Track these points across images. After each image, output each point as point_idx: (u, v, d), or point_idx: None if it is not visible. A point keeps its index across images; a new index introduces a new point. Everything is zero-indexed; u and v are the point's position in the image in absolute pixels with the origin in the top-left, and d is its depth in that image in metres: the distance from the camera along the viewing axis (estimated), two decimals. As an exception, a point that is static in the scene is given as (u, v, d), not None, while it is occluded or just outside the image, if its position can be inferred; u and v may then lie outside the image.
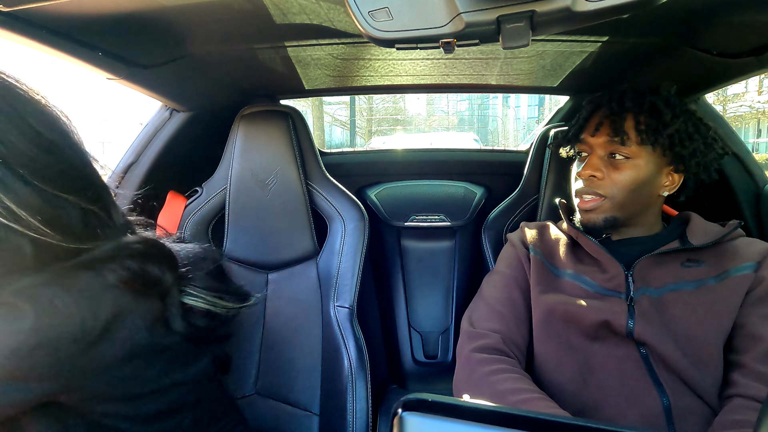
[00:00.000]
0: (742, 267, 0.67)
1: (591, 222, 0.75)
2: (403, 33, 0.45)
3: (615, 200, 0.72)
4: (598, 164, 0.73)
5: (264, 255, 1.06)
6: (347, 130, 14.69)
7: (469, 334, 0.76)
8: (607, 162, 0.73)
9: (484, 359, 0.70)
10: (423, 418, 0.29)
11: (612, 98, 0.74)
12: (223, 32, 0.78)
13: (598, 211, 0.74)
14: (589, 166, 0.73)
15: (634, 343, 0.67)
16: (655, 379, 0.64)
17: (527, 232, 0.84)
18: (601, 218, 0.74)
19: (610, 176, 0.72)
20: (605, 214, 0.73)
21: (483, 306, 0.79)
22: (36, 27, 0.59)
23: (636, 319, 0.66)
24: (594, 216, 0.74)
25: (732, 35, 0.73)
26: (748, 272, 0.67)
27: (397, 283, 1.37)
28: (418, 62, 1.02)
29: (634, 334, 0.66)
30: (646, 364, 0.65)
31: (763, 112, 12.68)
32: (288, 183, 1.04)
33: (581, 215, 0.77)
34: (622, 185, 0.72)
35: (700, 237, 0.72)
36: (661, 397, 0.63)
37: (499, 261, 0.86)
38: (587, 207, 0.74)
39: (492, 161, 1.47)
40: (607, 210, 0.73)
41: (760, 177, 0.98)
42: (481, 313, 0.79)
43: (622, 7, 0.42)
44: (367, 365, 0.85)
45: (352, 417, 0.80)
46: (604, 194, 0.72)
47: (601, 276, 0.72)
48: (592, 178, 0.73)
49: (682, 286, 0.68)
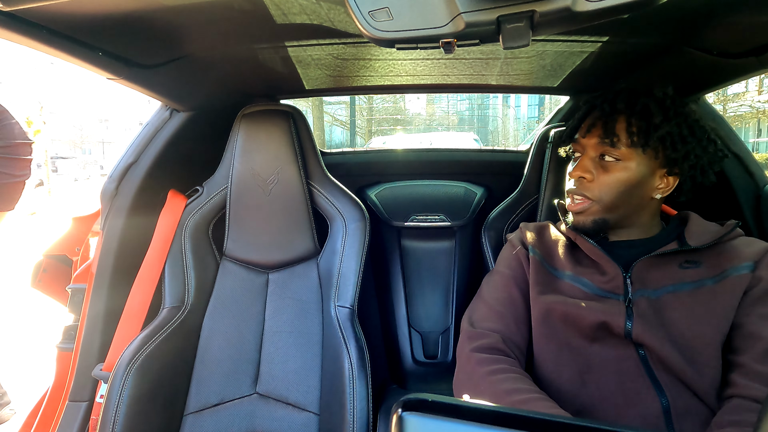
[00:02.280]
0: (740, 267, 0.67)
1: (580, 224, 0.75)
2: (403, 33, 0.45)
3: (603, 203, 0.72)
4: (588, 166, 0.73)
5: (265, 255, 1.06)
6: (347, 130, 14.68)
7: (469, 334, 0.76)
8: (598, 163, 0.73)
9: (484, 359, 0.70)
10: (423, 418, 0.29)
11: (606, 99, 0.74)
12: (223, 32, 0.78)
13: (586, 214, 0.74)
14: (579, 167, 0.74)
15: (633, 344, 0.67)
16: (653, 379, 0.64)
17: (527, 232, 0.84)
18: (590, 220, 0.74)
19: (599, 178, 0.72)
20: (593, 216, 0.74)
21: (483, 306, 0.80)
22: (36, 27, 0.59)
23: (634, 320, 0.66)
24: (582, 218, 0.75)
25: (732, 35, 0.73)
26: (745, 272, 0.66)
27: (397, 283, 1.37)
28: (418, 62, 1.02)
29: (633, 336, 0.66)
30: (644, 364, 0.65)
31: (764, 111, 12.68)
32: (289, 182, 1.04)
33: (572, 217, 0.77)
34: (610, 187, 0.71)
35: (698, 237, 0.71)
36: (659, 398, 0.63)
37: (499, 261, 0.86)
38: (576, 209, 0.75)
39: (492, 161, 1.47)
40: (595, 212, 0.73)
41: (760, 177, 0.98)
42: (481, 313, 0.79)
43: (622, 7, 0.42)
44: (367, 365, 0.85)
45: (353, 417, 0.80)
46: (592, 197, 0.73)
47: (599, 278, 0.72)
48: (581, 180, 0.74)
49: (680, 287, 0.68)
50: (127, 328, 0.96)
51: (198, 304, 1.00)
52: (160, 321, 0.94)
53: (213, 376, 0.96)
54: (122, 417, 0.78)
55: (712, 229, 0.73)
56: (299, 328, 1.00)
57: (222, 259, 1.07)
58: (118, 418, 0.78)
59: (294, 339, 0.99)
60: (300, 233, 1.06)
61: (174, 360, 0.91)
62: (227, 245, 1.07)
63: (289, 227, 1.06)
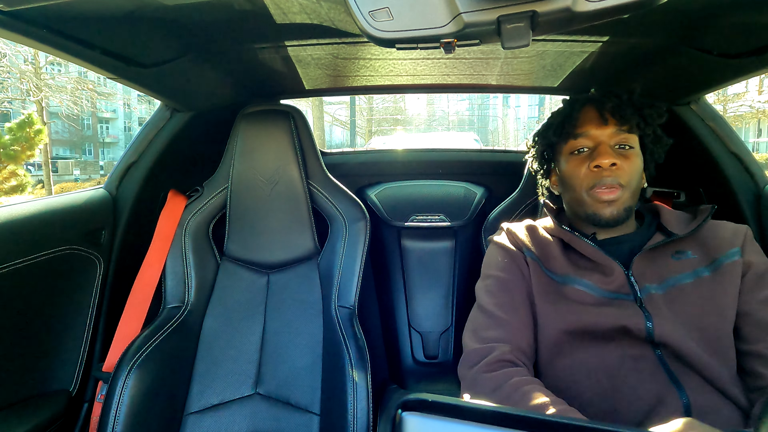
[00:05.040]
0: (728, 254, 0.69)
1: (612, 215, 0.72)
2: (404, 33, 0.45)
3: (631, 189, 0.72)
4: (612, 153, 0.72)
5: (265, 255, 1.06)
6: (347, 130, 14.68)
7: (471, 352, 0.71)
8: (616, 152, 0.73)
9: (492, 377, 0.66)
10: (423, 418, 0.29)
11: (606, 93, 0.76)
12: (223, 32, 0.78)
13: (619, 203, 0.72)
14: (606, 154, 0.71)
15: (649, 343, 0.66)
16: (672, 378, 0.63)
17: (517, 233, 0.82)
18: (622, 209, 0.72)
19: (623, 166, 0.72)
20: (625, 204, 0.72)
21: (482, 315, 0.75)
22: (37, 26, 0.59)
23: (654, 321, 0.65)
24: (615, 208, 0.72)
25: (732, 35, 0.73)
26: (736, 258, 0.68)
27: (397, 283, 1.37)
28: (418, 62, 1.02)
29: (654, 336, 0.65)
30: (661, 363, 0.64)
31: (764, 111, 12.68)
32: (289, 182, 1.04)
33: (599, 209, 0.72)
34: (632, 175, 0.72)
35: (677, 226, 0.73)
36: (680, 396, 0.62)
37: (488, 265, 0.81)
38: (612, 197, 0.71)
39: (492, 161, 1.47)
40: (626, 200, 0.72)
41: (760, 177, 0.98)
42: (481, 322, 0.74)
43: (623, 7, 0.42)
44: (368, 365, 0.85)
45: (353, 417, 0.80)
46: (624, 183, 0.71)
47: (602, 278, 0.71)
48: (612, 167, 0.71)
49: (681, 279, 0.69)
50: (127, 328, 0.96)
51: (198, 304, 1.00)
52: (161, 321, 0.94)
53: (214, 376, 0.96)
54: (122, 417, 0.78)
55: (684, 216, 0.75)
56: (299, 329, 1.00)
57: (222, 259, 1.07)
58: (118, 418, 0.78)
59: (294, 339, 0.99)
60: (300, 233, 1.06)
61: (174, 360, 0.91)
62: (227, 245, 1.07)
63: (290, 227, 1.06)
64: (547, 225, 0.83)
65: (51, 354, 0.92)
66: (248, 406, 0.94)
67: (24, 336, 0.86)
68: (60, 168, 18.64)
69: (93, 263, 0.99)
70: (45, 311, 0.90)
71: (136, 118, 23.50)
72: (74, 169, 19.49)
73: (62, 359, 0.94)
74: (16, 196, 6.99)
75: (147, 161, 1.07)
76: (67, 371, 0.94)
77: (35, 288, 0.87)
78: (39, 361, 0.90)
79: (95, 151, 24.17)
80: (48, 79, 10.79)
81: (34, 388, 0.89)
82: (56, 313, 0.93)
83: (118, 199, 1.05)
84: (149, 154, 1.07)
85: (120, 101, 18.66)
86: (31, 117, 7.06)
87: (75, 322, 0.96)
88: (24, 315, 0.86)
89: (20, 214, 0.83)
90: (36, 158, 8.16)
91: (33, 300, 0.87)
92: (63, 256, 0.91)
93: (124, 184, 1.07)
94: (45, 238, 0.87)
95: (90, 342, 0.97)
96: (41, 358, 0.90)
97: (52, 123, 15.27)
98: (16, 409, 0.83)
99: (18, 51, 9.85)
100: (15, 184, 7.01)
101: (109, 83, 13.82)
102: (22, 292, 0.84)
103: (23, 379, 0.87)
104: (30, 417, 0.82)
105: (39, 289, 0.88)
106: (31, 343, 0.88)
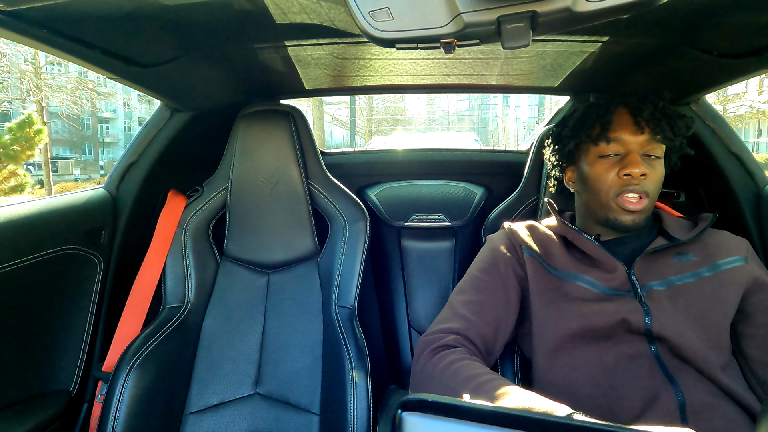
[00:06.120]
0: (730, 260, 0.70)
1: (634, 223, 0.72)
2: (404, 33, 0.45)
3: (654, 198, 0.73)
4: (642, 162, 0.72)
5: (265, 255, 1.06)
6: (347, 130, 14.68)
7: (422, 343, 0.72)
8: (645, 161, 0.72)
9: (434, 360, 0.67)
10: (423, 418, 0.29)
11: (642, 99, 0.75)
12: (223, 32, 0.78)
13: (643, 212, 0.72)
14: (639, 164, 0.71)
15: (646, 340, 0.66)
16: (668, 375, 0.64)
17: (517, 231, 0.82)
18: (643, 218, 0.73)
19: (651, 175, 0.72)
20: (647, 213, 0.73)
21: (447, 310, 0.77)
22: (37, 26, 0.59)
23: (652, 315, 0.66)
24: (638, 217, 0.72)
25: (732, 35, 0.73)
26: (739, 264, 0.70)
27: (397, 283, 1.36)
28: (418, 62, 1.02)
29: (653, 331, 0.66)
30: (658, 361, 0.65)
31: (764, 111, 12.68)
32: (289, 182, 1.04)
33: (622, 216, 0.72)
34: (656, 185, 0.72)
35: (678, 231, 0.75)
36: (675, 394, 0.62)
37: (473, 264, 0.82)
38: (639, 207, 0.71)
39: (492, 161, 1.47)
40: (648, 209, 0.73)
41: (760, 177, 0.98)
42: (443, 316, 0.76)
43: (623, 7, 0.42)
44: (368, 365, 0.85)
45: (353, 417, 0.80)
46: (650, 193, 0.72)
47: (604, 275, 0.72)
48: (641, 177, 0.71)
49: (682, 278, 0.70)
50: (127, 328, 0.96)
51: (198, 304, 1.00)
52: (161, 321, 0.94)
53: (213, 376, 0.96)
54: (122, 417, 0.78)
55: (685, 223, 0.77)
56: (299, 329, 1.00)
57: (222, 259, 1.07)
58: (118, 418, 0.78)
59: (294, 339, 0.99)
60: (300, 233, 1.06)
61: (174, 360, 0.91)
62: (227, 245, 1.07)
63: (290, 227, 1.06)
64: (549, 223, 0.83)
65: (51, 354, 0.92)
66: (248, 406, 0.94)
67: (24, 336, 0.86)
68: (60, 168, 18.65)
69: (93, 263, 0.99)
70: (45, 311, 0.90)
71: (136, 118, 23.55)
72: (74, 169, 19.51)
73: (62, 359, 0.94)
74: (15, 195, 6.99)
75: (147, 161, 1.07)
76: (67, 371, 0.94)
77: (35, 288, 0.87)
78: (39, 360, 0.90)
79: (95, 151, 24.18)
80: (48, 78, 10.80)
81: (34, 388, 0.89)
82: (56, 313, 0.93)
83: (118, 199, 1.05)
84: (149, 154, 1.07)
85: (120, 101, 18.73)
86: (31, 117, 7.06)
87: (75, 321, 0.96)
88: (24, 315, 0.86)
89: (20, 214, 0.83)
90: (36, 158, 8.16)
91: (33, 300, 0.87)
92: (63, 256, 0.91)
93: (124, 184, 1.07)
94: (45, 238, 0.87)
95: (90, 342, 0.97)
96: (41, 357, 0.90)
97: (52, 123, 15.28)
98: (16, 409, 0.83)
99: (18, 51, 9.86)
100: (15, 184, 7.01)
101: (109, 83, 13.84)
102: (22, 292, 0.84)
103: (23, 379, 0.87)
104: (30, 417, 0.82)
105: (39, 288, 0.88)
106: (31, 342, 0.88)
